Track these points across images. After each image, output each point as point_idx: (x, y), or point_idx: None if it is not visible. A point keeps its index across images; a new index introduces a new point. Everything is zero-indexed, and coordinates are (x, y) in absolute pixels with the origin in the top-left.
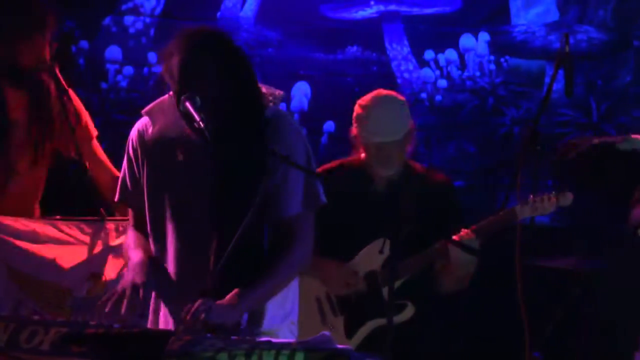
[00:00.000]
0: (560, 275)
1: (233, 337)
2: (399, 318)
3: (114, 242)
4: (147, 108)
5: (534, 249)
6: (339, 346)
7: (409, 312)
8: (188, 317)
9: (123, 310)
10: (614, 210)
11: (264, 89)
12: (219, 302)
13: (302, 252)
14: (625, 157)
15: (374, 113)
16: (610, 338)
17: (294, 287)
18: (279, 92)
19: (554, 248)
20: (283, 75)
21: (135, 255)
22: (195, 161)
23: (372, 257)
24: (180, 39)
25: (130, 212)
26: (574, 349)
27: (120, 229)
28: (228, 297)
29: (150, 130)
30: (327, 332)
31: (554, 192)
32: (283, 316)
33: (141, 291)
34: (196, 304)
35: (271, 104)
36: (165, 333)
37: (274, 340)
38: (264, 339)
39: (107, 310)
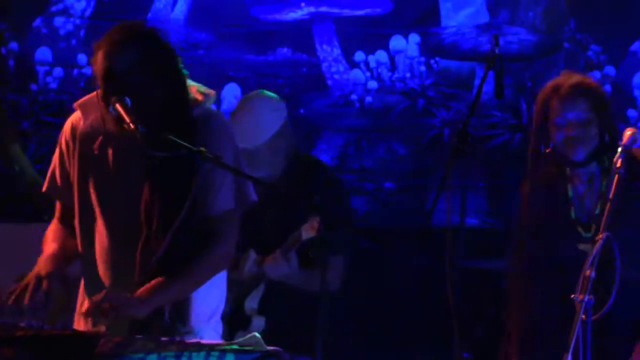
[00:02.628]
0: (491, 277)
1: (163, 339)
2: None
3: None
4: (79, 101)
5: (465, 250)
6: (269, 347)
7: (256, 326)
8: (91, 306)
9: (26, 301)
10: None
11: (194, 88)
12: (129, 295)
13: (223, 251)
14: None
15: (235, 118)
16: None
17: (220, 285)
18: (210, 91)
19: (484, 249)
20: (213, 77)
21: (49, 248)
22: (125, 158)
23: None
24: (106, 35)
25: (57, 205)
26: (503, 349)
27: None
28: (139, 291)
29: (82, 124)
30: (257, 334)
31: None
32: (209, 315)
33: (45, 282)
34: (102, 294)
35: (203, 102)
36: (96, 334)
37: (203, 341)
38: (193, 339)
39: (10, 302)
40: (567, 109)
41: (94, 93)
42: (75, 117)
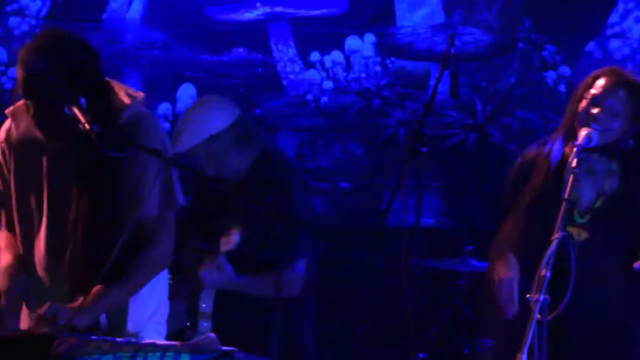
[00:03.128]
0: (447, 276)
1: (118, 339)
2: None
3: None
4: (10, 109)
5: (420, 251)
6: (224, 348)
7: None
8: (35, 318)
9: None
10: (495, 212)
11: (122, 91)
12: (70, 304)
13: (160, 253)
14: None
15: (181, 119)
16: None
17: (160, 286)
18: (139, 94)
19: (440, 249)
20: (169, 77)
21: (3, 259)
22: (59, 163)
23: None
24: (26, 45)
25: (2, 212)
26: (460, 349)
27: None
28: (81, 299)
29: (14, 131)
30: (212, 334)
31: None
32: (147, 317)
33: (2, 300)
34: (43, 308)
35: (131, 105)
36: (51, 336)
37: (158, 342)
38: (148, 341)
39: None
40: (608, 93)
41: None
42: (8, 124)
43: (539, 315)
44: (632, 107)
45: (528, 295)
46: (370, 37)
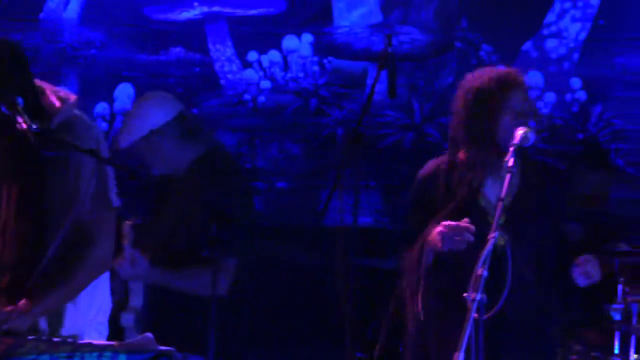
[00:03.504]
0: (384, 276)
1: (55, 339)
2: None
3: None
4: None
5: (358, 250)
6: (162, 347)
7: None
8: None
9: None
10: None
11: (53, 94)
12: (9, 308)
13: (100, 254)
14: None
15: (124, 117)
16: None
17: (101, 287)
18: (70, 96)
19: (377, 248)
20: (106, 77)
21: None
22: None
23: None
24: None
25: None
26: (397, 349)
27: None
28: (20, 302)
29: None
30: (149, 334)
31: None
32: (88, 318)
33: None
34: None
35: (62, 109)
36: None
37: (95, 342)
38: (85, 341)
39: None
40: (520, 97)
41: None
42: None
43: (475, 314)
44: (531, 103)
45: (465, 294)
46: (307, 37)
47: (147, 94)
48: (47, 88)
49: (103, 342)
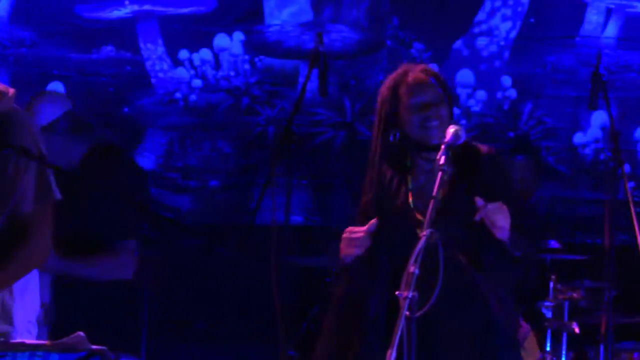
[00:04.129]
0: (316, 274)
1: None
2: None
3: None
4: None
5: (290, 248)
6: (94, 346)
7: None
8: None
9: None
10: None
11: None
12: None
13: (35, 249)
14: None
15: None
16: None
17: (31, 285)
18: (8, 90)
19: (309, 246)
20: (37, 76)
21: None
22: None
23: None
24: None
25: None
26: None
27: None
28: None
29: None
30: (81, 333)
31: None
32: (19, 317)
33: None
34: None
35: (3, 101)
36: None
37: (27, 341)
38: (16, 340)
39: None
40: (422, 90)
41: None
42: None
43: (407, 312)
44: (444, 93)
45: (397, 292)
46: (238, 35)
47: (40, 92)
48: None
49: (35, 341)
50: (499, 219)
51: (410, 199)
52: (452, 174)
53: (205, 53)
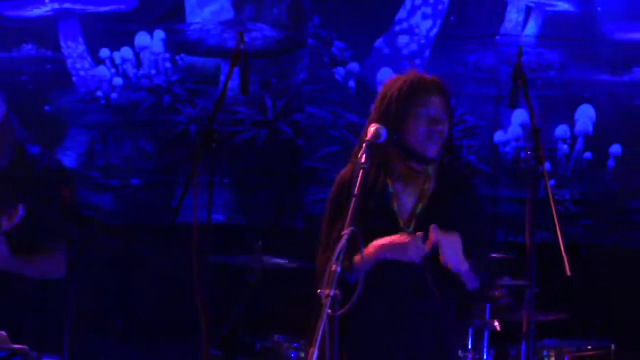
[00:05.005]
0: (238, 272)
1: None
2: None
3: None
4: None
5: (212, 246)
6: (15, 346)
7: None
8: None
9: None
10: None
11: None
12: None
13: None
14: None
15: None
16: None
17: None
18: None
19: (231, 245)
20: None
21: None
22: None
23: None
24: None
25: None
26: (251, 345)
27: None
28: None
29: None
30: (3, 332)
31: None
32: None
33: None
34: None
35: None
36: None
37: None
38: None
39: None
40: (435, 104)
41: None
42: None
43: (329, 311)
44: (448, 110)
45: (319, 291)
46: (160, 34)
47: None
48: None
49: None
50: (447, 255)
51: (395, 204)
52: (435, 189)
53: (127, 51)
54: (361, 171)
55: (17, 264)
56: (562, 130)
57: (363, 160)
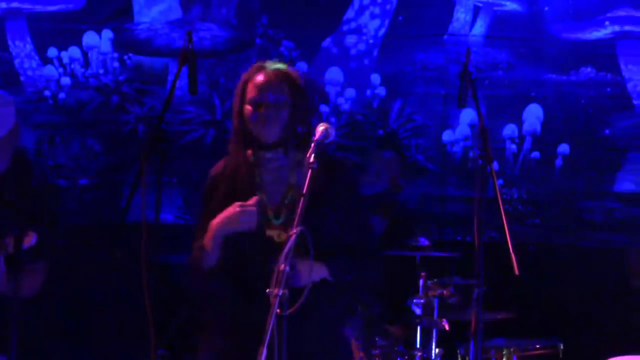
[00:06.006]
0: (186, 272)
1: None
2: None
3: None
4: None
5: (160, 247)
6: None
7: None
8: None
9: None
10: None
11: None
12: None
13: None
14: None
15: None
16: None
17: None
18: None
19: (180, 245)
20: None
21: None
22: None
23: None
24: None
25: None
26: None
27: None
28: None
29: None
30: None
31: None
32: None
33: None
34: None
35: None
36: None
37: None
38: None
39: None
40: (266, 89)
41: None
42: None
43: (278, 310)
44: (293, 96)
45: (268, 290)
46: (107, 33)
47: None
48: None
49: None
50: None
51: (263, 195)
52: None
53: (74, 51)
54: (310, 171)
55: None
56: (510, 129)
57: (312, 160)
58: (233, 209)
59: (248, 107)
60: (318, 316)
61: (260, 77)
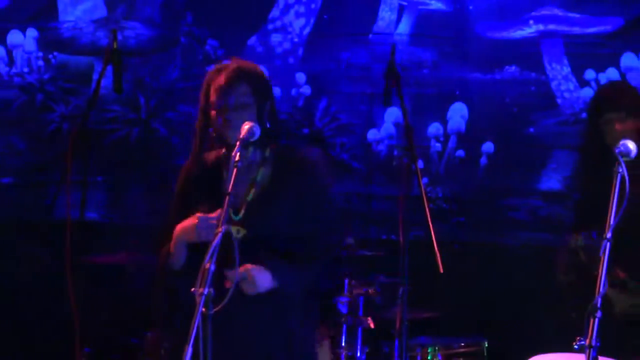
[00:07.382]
0: (111, 271)
1: None
2: None
3: None
4: None
5: (85, 245)
6: None
7: None
8: None
9: None
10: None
11: None
12: None
13: None
14: None
15: None
16: None
17: None
18: None
19: (104, 244)
20: None
21: None
22: None
23: None
24: None
25: None
26: (126, 342)
27: None
28: None
29: None
30: None
31: None
32: None
33: None
34: None
35: None
36: None
37: None
38: None
39: None
40: (228, 92)
41: None
42: None
43: (203, 309)
44: (255, 94)
45: (193, 289)
46: (32, 32)
47: None
48: None
49: None
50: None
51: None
52: (270, 174)
53: None
54: (234, 169)
55: None
56: (434, 128)
57: (237, 158)
58: (193, 220)
59: (213, 112)
60: (265, 312)
61: (220, 80)
